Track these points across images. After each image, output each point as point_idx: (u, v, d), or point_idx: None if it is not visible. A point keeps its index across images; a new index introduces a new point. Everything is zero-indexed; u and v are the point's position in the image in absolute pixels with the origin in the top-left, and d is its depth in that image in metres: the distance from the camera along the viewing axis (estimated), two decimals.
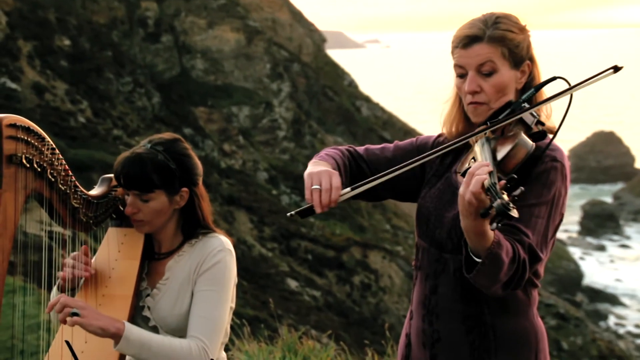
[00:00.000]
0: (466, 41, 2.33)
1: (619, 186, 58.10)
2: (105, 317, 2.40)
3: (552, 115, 2.41)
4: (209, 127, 29.92)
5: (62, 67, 25.95)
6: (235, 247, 2.71)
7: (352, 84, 39.77)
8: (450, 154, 2.45)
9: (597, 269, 44.36)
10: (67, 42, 27.08)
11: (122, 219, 2.77)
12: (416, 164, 2.33)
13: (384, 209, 31.22)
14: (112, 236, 2.76)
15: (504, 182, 1.99)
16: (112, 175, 2.70)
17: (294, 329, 5.86)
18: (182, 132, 25.89)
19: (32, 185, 2.43)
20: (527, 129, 2.26)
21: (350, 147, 2.62)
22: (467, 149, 2.37)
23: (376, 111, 38.81)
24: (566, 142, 61.62)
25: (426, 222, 2.43)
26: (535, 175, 2.26)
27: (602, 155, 61.67)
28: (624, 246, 48.83)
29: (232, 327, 2.91)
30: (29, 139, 2.40)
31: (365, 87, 42.76)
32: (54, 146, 2.49)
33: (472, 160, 2.25)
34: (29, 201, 2.47)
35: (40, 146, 2.44)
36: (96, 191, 2.69)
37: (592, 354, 26.53)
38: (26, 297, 2.82)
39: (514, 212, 1.91)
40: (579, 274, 39.34)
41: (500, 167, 2.17)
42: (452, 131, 2.49)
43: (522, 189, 1.95)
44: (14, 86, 23.64)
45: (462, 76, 2.37)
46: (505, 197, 1.93)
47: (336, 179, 2.28)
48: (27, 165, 2.40)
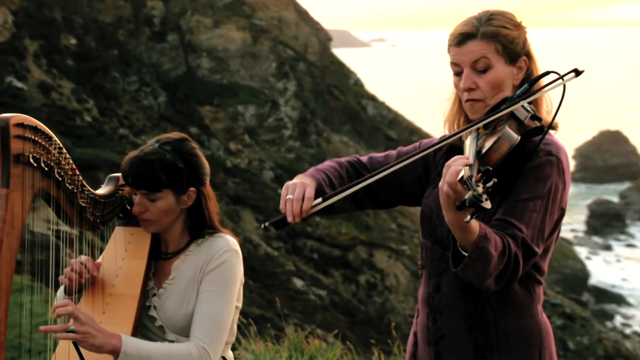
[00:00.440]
0: (460, 39, 2.35)
1: (626, 185, 57.86)
2: (101, 335, 2.37)
3: (552, 111, 2.41)
4: (214, 126, 29.92)
5: (68, 66, 26.00)
6: (241, 246, 2.71)
7: (358, 83, 39.69)
8: (451, 153, 2.46)
9: (604, 268, 44.20)
10: (73, 41, 27.13)
11: (129, 218, 2.78)
12: (388, 172, 2.36)
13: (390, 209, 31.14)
14: (119, 235, 2.77)
15: (479, 175, 2.00)
16: (119, 174, 2.71)
17: (300, 329, 5.86)
18: (188, 131, 25.88)
19: (40, 184, 2.44)
20: (520, 124, 2.26)
21: (354, 157, 2.64)
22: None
23: (382, 110, 38.72)
24: (572, 141, 61.52)
25: (429, 221, 2.45)
26: (529, 169, 2.26)
27: (608, 154, 61.45)
28: (630, 245, 48.64)
29: (238, 326, 2.90)
30: (37, 139, 2.41)
31: (371, 86, 42.66)
32: (61, 145, 2.50)
33: None
34: (36, 200, 2.47)
35: (47, 145, 2.44)
36: (103, 190, 2.69)
37: (598, 353, 26.48)
38: (33, 296, 2.82)
39: (487, 204, 1.92)
40: (585, 274, 39.19)
41: (483, 160, 2.17)
42: (454, 129, 2.50)
43: (495, 180, 1.96)
44: (20, 85, 23.69)
45: (458, 74, 2.39)
46: (479, 189, 1.94)
47: (309, 190, 2.36)
48: (35, 164, 2.40)
